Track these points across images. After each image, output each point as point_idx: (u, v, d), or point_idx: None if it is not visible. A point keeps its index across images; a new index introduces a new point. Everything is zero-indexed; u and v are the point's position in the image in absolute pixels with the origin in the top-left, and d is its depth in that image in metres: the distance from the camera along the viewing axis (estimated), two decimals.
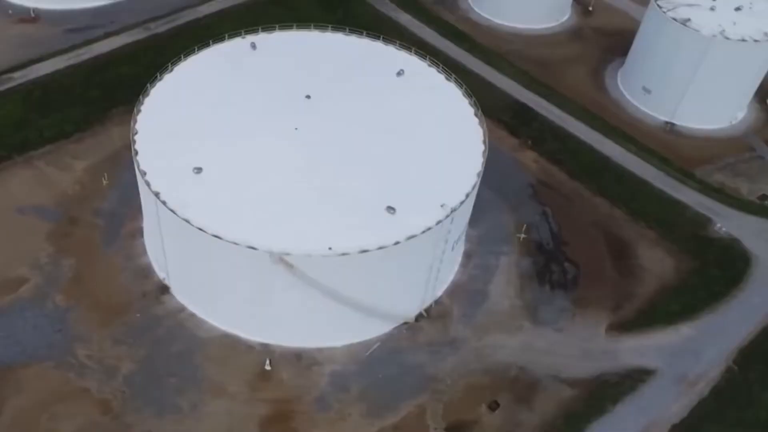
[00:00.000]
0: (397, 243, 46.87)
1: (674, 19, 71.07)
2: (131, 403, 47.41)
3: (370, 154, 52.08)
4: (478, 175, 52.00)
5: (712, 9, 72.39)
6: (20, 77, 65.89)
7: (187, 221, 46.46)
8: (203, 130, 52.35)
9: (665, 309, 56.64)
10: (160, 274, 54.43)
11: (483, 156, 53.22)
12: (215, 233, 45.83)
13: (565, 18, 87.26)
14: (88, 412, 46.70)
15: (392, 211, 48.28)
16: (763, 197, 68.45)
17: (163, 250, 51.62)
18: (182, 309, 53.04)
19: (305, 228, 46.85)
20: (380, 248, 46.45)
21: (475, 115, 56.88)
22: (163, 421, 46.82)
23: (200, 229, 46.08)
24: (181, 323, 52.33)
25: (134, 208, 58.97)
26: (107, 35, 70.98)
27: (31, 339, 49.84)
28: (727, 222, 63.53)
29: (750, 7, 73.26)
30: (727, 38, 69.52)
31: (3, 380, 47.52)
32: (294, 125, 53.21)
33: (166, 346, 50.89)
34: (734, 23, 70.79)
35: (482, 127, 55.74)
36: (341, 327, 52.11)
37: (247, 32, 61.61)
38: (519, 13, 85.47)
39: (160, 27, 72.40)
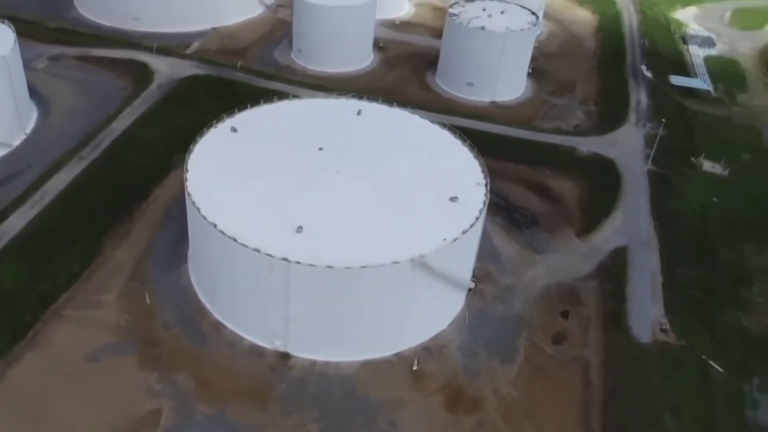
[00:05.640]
0: (477, 218, 53.95)
1: (476, 28, 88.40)
2: None
3: (405, 171, 57.64)
4: (478, 157, 61.24)
5: (489, 16, 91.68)
6: None
7: (330, 266, 47.18)
8: (272, 198, 52.31)
9: (596, 210, 72.39)
10: (273, 344, 52.14)
11: (472, 147, 62.43)
12: (360, 265, 47.54)
13: (373, 57, 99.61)
14: None
15: (456, 199, 55.03)
16: (576, 126, 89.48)
17: (287, 316, 50.19)
18: (314, 363, 51.93)
19: (416, 233, 51.07)
20: (472, 225, 53.05)
21: (433, 122, 65.79)
22: None
23: (347, 268, 47.27)
24: (323, 374, 51.40)
25: (195, 309, 55.45)
26: (46, 176, 60.95)
27: None
28: (581, 145, 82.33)
29: (502, 13, 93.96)
30: (513, 31, 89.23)
31: None
32: (334, 170, 56.00)
33: (333, 397, 49.88)
34: (509, 22, 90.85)
35: (451, 131, 64.68)
36: (445, 310, 56.68)
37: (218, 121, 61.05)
38: (339, 62, 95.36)
39: (93, 152, 64.52)
